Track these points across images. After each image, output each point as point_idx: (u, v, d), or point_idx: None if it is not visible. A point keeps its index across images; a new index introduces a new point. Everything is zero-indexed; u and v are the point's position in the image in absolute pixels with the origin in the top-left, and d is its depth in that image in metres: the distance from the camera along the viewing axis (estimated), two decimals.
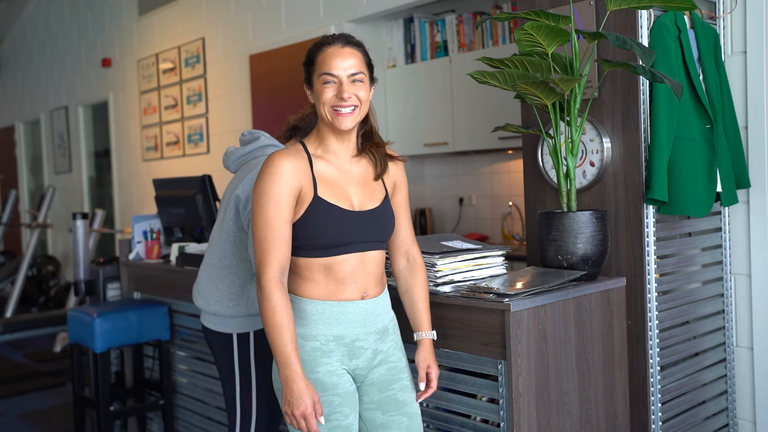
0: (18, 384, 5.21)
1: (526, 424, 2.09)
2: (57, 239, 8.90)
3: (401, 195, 2.07)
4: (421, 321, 2.05)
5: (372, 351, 1.96)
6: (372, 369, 1.98)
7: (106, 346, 3.24)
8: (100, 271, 3.80)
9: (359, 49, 1.91)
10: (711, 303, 2.77)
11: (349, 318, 1.90)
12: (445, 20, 4.32)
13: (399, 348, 2.04)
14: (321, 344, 1.88)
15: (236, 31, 5.51)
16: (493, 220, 4.44)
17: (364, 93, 1.88)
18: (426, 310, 2.06)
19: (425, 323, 2.05)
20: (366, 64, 1.91)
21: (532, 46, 2.30)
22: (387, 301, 2.02)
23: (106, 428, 3.28)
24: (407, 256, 2.09)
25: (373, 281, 1.95)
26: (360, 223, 1.90)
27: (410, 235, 2.09)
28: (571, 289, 2.24)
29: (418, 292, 2.07)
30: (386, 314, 2.00)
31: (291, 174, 1.83)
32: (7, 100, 10.01)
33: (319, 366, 1.88)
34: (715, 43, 2.67)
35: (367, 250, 1.92)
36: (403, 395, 2.00)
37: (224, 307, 2.40)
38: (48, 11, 8.62)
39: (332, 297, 1.89)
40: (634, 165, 2.45)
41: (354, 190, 1.93)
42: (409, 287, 2.08)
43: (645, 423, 2.46)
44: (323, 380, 1.88)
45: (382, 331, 1.98)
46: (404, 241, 2.08)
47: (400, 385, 2.00)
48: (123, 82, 7.13)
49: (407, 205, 2.08)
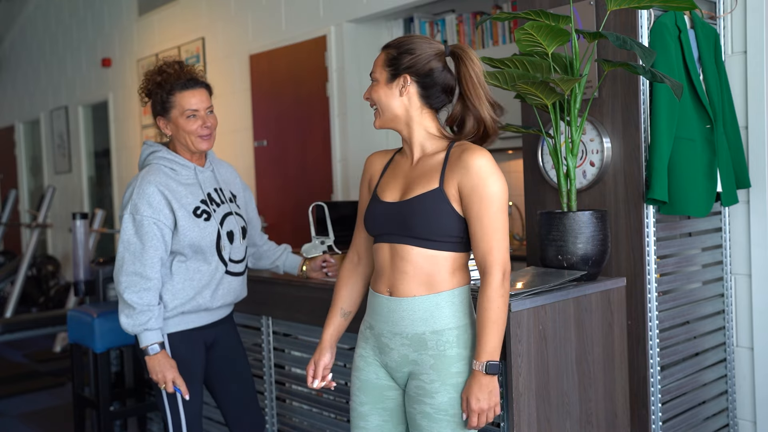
0: (18, 384, 5.21)
1: (526, 424, 2.09)
2: (57, 239, 8.90)
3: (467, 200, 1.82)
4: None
5: (400, 355, 1.87)
6: (406, 377, 1.90)
7: (106, 346, 3.24)
8: (100, 271, 3.80)
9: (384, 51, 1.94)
10: (711, 303, 2.77)
11: (376, 310, 1.92)
12: (445, 20, 4.32)
13: (437, 369, 1.82)
14: (363, 328, 2.00)
15: (236, 30, 5.51)
16: None
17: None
18: (482, 335, 1.79)
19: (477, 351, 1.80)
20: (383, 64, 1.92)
21: (532, 46, 2.30)
22: (428, 309, 1.83)
23: (106, 428, 3.27)
24: (480, 267, 1.83)
25: (402, 279, 1.85)
26: (386, 214, 1.90)
27: (484, 245, 1.79)
28: (571, 289, 2.24)
29: (479, 313, 1.82)
30: (423, 323, 1.83)
31: (365, 167, 2.06)
32: (7, 100, 10.01)
33: (359, 347, 2.00)
34: (716, 43, 2.67)
35: (396, 242, 1.86)
36: (422, 420, 1.85)
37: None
38: (48, 11, 8.62)
39: (372, 285, 1.96)
40: (634, 165, 2.45)
41: (401, 182, 1.92)
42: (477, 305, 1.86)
43: (645, 423, 2.46)
44: (355, 360, 2.00)
45: (416, 341, 1.84)
46: (475, 251, 1.83)
47: (420, 408, 1.85)
48: (123, 82, 7.13)
49: (478, 212, 1.79)
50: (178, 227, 2.36)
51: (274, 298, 2.84)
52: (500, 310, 1.78)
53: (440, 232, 1.82)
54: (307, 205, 3.12)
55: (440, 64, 1.88)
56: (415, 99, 1.89)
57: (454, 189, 1.82)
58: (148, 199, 2.31)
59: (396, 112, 1.90)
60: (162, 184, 2.35)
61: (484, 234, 1.79)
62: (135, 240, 2.31)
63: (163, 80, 2.39)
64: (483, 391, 1.77)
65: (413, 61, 1.87)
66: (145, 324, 2.29)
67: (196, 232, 2.38)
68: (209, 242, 2.41)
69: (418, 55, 1.87)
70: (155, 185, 2.34)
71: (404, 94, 1.88)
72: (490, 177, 1.80)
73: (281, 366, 2.91)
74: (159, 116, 2.44)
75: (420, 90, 1.88)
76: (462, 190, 1.81)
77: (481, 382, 1.77)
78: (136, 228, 2.31)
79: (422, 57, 1.87)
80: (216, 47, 5.76)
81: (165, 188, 2.35)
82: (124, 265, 2.30)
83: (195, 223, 2.38)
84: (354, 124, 4.59)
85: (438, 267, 1.84)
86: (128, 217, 2.32)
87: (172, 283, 2.38)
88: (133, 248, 2.30)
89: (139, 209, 2.31)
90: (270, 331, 2.91)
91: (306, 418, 2.82)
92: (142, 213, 2.31)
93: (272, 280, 2.84)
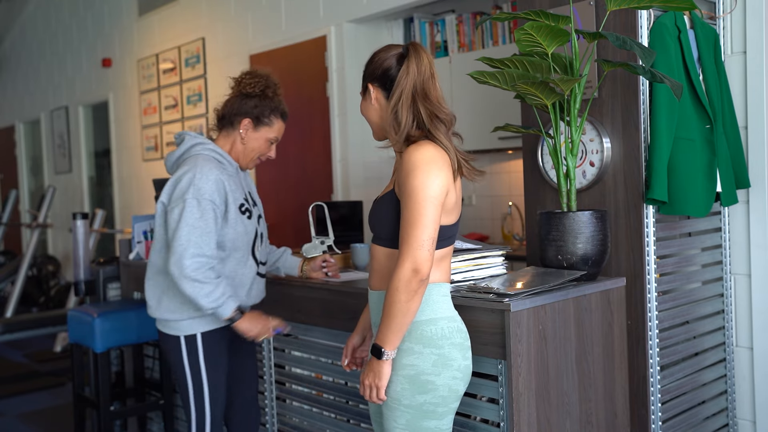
0: (18, 384, 5.22)
1: (526, 423, 2.09)
2: (57, 239, 8.90)
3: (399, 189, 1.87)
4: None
5: None
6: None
7: (106, 346, 3.24)
8: (101, 271, 3.80)
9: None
10: (711, 303, 2.77)
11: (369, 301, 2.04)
12: (445, 20, 4.32)
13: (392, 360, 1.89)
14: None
15: (236, 31, 5.51)
16: (493, 220, 4.44)
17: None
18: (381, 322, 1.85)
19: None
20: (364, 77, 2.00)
21: (532, 46, 2.30)
22: None
23: (106, 428, 3.28)
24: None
25: (372, 274, 1.99)
26: (370, 213, 2.01)
27: (400, 237, 1.82)
28: (571, 289, 2.24)
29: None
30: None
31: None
32: (8, 100, 10.01)
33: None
34: (715, 43, 2.67)
35: (372, 240, 1.98)
36: (383, 408, 1.93)
37: (169, 311, 2.43)
38: (48, 11, 8.62)
39: None
40: (634, 165, 2.46)
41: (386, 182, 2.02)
42: None
43: (645, 423, 2.46)
44: None
45: None
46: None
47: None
48: (123, 82, 7.14)
49: (402, 205, 1.83)
50: (228, 219, 2.40)
51: (274, 298, 2.84)
52: (393, 303, 1.79)
53: (390, 231, 1.90)
54: (307, 205, 3.12)
55: (395, 62, 1.93)
56: (384, 102, 1.96)
57: (398, 188, 1.89)
58: (213, 185, 2.34)
59: (374, 121, 2.00)
60: (220, 174, 2.39)
61: (401, 227, 1.81)
62: (201, 224, 2.31)
63: (272, 97, 2.49)
64: (368, 366, 1.89)
65: (371, 68, 1.97)
66: (226, 293, 2.32)
67: (241, 227, 2.43)
68: (248, 240, 2.46)
69: (373, 61, 1.97)
70: (217, 173, 2.37)
71: (373, 101, 1.97)
72: (415, 170, 1.80)
73: (281, 366, 2.91)
74: (248, 118, 2.49)
75: (383, 92, 1.95)
76: (398, 188, 1.88)
77: (370, 360, 1.89)
78: (201, 212, 2.31)
79: (377, 61, 1.96)
80: (216, 47, 5.76)
81: (223, 178, 2.39)
82: (189, 248, 2.28)
83: (240, 218, 2.44)
84: (354, 124, 4.59)
85: (392, 264, 1.89)
86: (192, 201, 2.31)
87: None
88: (199, 231, 2.30)
89: (203, 193, 2.32)
90: None
91: (306, 418, 2.82)
92: (207, 197, 2.32)
93: (272, 281, 2.84)
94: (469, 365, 1.91)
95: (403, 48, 1.95)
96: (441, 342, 1.86)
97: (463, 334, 1.91)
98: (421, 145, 1.84)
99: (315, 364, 2.75)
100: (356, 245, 2.94)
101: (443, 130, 1.90)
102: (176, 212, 2.32)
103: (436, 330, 1.87)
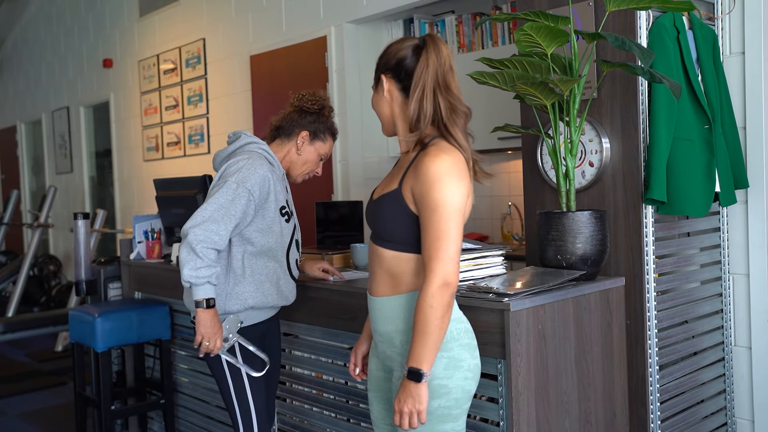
0: (19, 383, 5.23)
1: (526, 423, 2.10)
2: (58, 239, 8.91)
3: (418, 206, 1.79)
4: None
5: (381, 350, 1.93)
6: (391, 370, 1.93)
7: (107, 345, 3.25)
8: (102, 270, 3.81)
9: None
10: (709, 302, 2.78)
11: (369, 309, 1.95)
12: (444, 21, 4.33)
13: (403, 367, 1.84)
14: None
15: (237, 31, 5.52)
16: (493, 220, 4.44)
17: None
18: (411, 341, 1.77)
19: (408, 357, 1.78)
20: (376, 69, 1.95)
21: (532, 46, 2.31)
22: (393, 309, 1.86)
23: (107, 427, 3.29)
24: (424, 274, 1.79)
25: (373, 278, 1.89)
26: (366, 211, 1.94)
27: (426, 253, 1.75)
28: (571, 289, 2.25)
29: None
30: (390, 322, 1.87)
31: None
32: (9, 101, 10.02)
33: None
34: (714, 43, 2.68)
35: (372, 241, 1.90)
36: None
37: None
38: (49, 12, 8.63)
39: None
40: (633, 165, 2.46)
41: (386, 179, 1.93)
42: None
43: (644, 422, 2.47)
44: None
45: (387, 338, 1.89)
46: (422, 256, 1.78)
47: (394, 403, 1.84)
48: (124, 83, 7.15)
49: (424, 218, 1.76)
50: (265, 216, 2.43)
51: None
52: (429, 321, 1.72)
53: (399, 234, 1.82)
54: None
55: (410, 52, 1.86)
56: (397, 94, 1.89)
57: (410, 192, 1.80)
58: (259, 179, 2.37)
59: (385, 114, 1.93)
60: (268, 173, 2.43)
61: (426, 241, 1.75)
62: (229, 206, 2.33)
63: (327, 117, 2.65)
64: (405, 392, 1.76)
65: (385, 58, 1.91)
66: (209, 277, 2.32)
67: (277, 228, 2.46)
68: (283, 243, 2.49)
69: (387, 52, 1.91)
70: (266, 170, 2.42)
71: (386, 93, 1.90)
72: (436, 183, 1.74)
73: (282, 366, 2.92)
74: (306, 131, 2.58)
75: (397, 83, 1.88)
76: (414, 196, 1.78)
77: (405, 384, 1.76)
78: (234, 196, 2.34)
79: (391, 51, 1.90)
80: (216, 48, 5.77)
81: (270, 177, 2.43)
82: (206, 222, 2.30)
83: (279, 219, 2.47)
84: (354, 124, 4.60)
85: (402, 268, 1.83)
86: (233, 184, 2.35)
87: (254, 278, 2.43)
88: (223, 212, 2.32)
89: (245, 181, 2.35)
90: None
91: (306, 418, 2.83)
92: (248, 186, 2.35)
93: None
94: (478, 364, 1.87)
95: (420, 39, 1.86)
96: (450, 344, 1.82)
97: (470, 334, 1.87)
98: (438, 155, 1.76)
99: (315, 363, 2.76)
100: (356, 245, 2.95)
101: (461, 125, 1.84)
102: (216, 188, 2.37)
103: (446, 333, 1.81)
